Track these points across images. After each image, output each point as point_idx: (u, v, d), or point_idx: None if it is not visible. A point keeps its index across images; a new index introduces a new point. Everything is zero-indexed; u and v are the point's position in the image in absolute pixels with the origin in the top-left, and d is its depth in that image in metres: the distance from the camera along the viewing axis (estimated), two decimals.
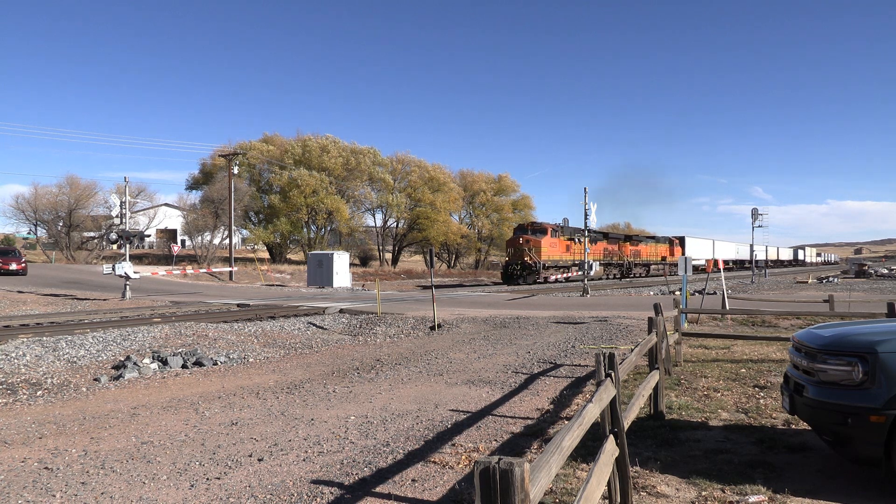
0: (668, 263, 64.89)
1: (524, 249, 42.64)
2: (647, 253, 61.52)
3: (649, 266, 62.28)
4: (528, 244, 42.80)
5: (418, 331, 16.90)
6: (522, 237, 43.81)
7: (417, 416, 7.60)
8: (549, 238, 43.81)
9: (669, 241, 68.25)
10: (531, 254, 42.30)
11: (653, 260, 63.07)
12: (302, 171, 60.94)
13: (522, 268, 42.19)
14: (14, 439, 6.74)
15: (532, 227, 45.57)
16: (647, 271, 62.13)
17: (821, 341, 5.21)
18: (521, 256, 42.60)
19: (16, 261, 39.04)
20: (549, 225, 45.18)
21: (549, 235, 43.89)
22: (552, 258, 44.26)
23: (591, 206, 34.64)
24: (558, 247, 45.22)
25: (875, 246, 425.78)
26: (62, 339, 13.31)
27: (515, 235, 45.86)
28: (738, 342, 12.97)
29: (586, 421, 3.34)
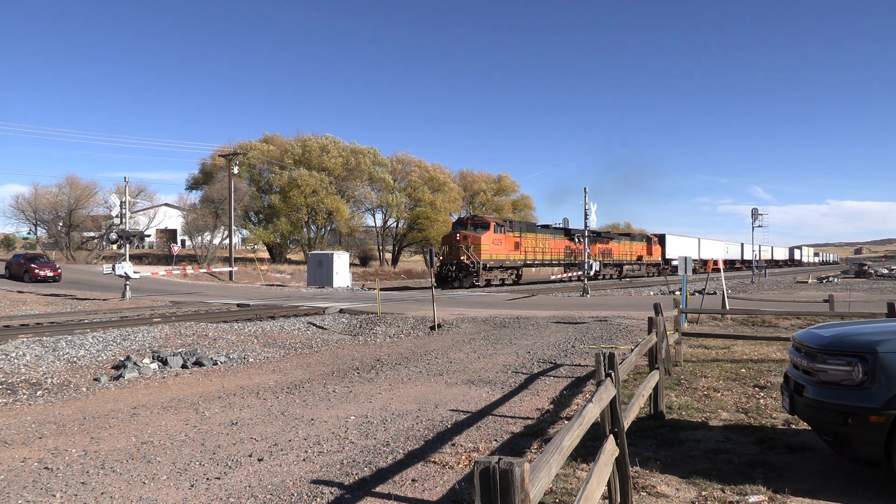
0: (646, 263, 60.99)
1: (461, 247, 37.15)
2: (619, 252, 56.42)
3: (622, 266, 56.88)
4: (466, 241, 37.15)
5: (418, 331, 16.90)
6: (460, 233, 38.17)
7: (417, 416, 7.60)
8: (491, 234, 38.25)
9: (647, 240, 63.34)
10: (469, 252, 36.78)
11: (626, 259, 57.91)
12: (302, 171, 60.93)
13: (458, 269, 36.81)
14: (14, 439, 6.74)
15: (472, 222, 39.80)
16: (620, 272, 56.61)
17: (821, 341, 5.20)
18: (458, 255, 37.13)
19: (50, 267, 37.82)
20: (493, 219, 40.41)
21: (492, 231, 38.40)
22: (496, 257, 38.67)
23: (591, 205, 34.55)
24: (504, 244, 39.53)
25: (875, 246, 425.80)
26: (62, 339, 13.31)
27: (452, 231, 40.35)
28: (738, 342, 12.97)
29: (586, 421, 3.34)
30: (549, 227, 47.87)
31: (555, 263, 46.15)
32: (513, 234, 40.71)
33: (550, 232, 46.38)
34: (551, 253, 45.56)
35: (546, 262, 44.73)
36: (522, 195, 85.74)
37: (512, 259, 40.41)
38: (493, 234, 38.38)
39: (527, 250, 41.93)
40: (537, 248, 43.47)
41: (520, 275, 41.23)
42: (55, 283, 36.26)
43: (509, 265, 40.19)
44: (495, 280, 39.19)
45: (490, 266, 37.89)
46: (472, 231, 38.26)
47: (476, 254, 36.96)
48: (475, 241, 37.17)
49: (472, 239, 37.34)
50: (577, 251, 48.46)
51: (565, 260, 47.77)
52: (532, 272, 42.64)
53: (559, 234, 47.77)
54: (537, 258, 43.44)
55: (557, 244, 46.64)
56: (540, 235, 44.45)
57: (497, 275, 39.24)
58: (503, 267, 39.65)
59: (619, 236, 59.93)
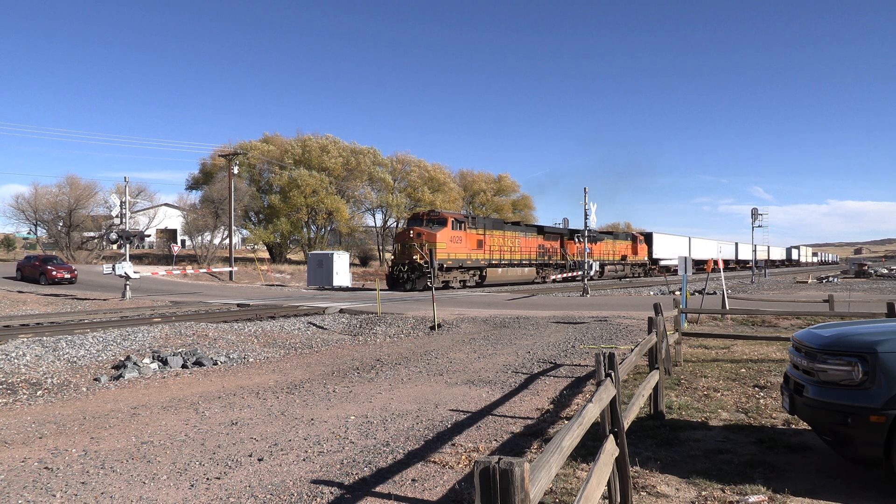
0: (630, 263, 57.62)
1: (413, 246, 33.71)
2: (600, 251, 52.28)
3: (603, 267, 52.74)
4: (420, 239, 33.61)
5: (418, 331, 16.90)
6: (413, 230, 34.73)
7: (417, 415, 7.60)
8: (448, 231, 34.56)
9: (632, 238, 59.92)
10: (423, 251, 32.65)
11: (608, 259, 53.99)
12: (302, 171, 60.93)
13: (410, 269, 33.60)
14: (14, 439, 6.74)
15: (428, 218, 35.87)
16: (601, 273, 52.27)
17: (821, 341, 5.20)
18: (410, 255, 33.77)
19: (66, 269, 37.34)
20: (451, 214, 36.68)
21: (450, 227, 34.73)
22: (455, 256, 34.97)
23: (591, 206, 34.58)
24: (464, 242, 35.85)
25: (875, 246, 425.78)
26: (62, 338, 13.31)
27: (406, 227, 37.12)
28: (738, 342, 12.97)
29: (586, 421, 3.34)
30: (519, 224, 45.27)
31: (525, 263, 42.47)
32: (475, 232, 37.26)
33: (521, 230, 43.37)
34: (522, 252, 42.01)
35: (515, 262, 41.34)
36: (522, 195, 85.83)
37: (474, 259, 36.82)
38: (450, 230, 34.81)
39: (492, 249, 38.47)
40: (505, 246, 40.17)
41: (483, 276, 37.71)
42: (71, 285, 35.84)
43: (471, 265, 36.69)
44: (454, 282, 35.49)
45: (448, 266, 34.24)
46: (428, 228, 34.46)
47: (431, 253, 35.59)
48: (430, 239, 33.44)
49: (427, 236, 33.68)
50: (552, 251, 45.96)
51: (538, 260, 43.94)
52: (498, 273, 39.30)
53: (531, 231, 44.59)
54: (504, 258, 40.10)
55: (529, 243, 43.03)
56: (508, 233, 41.13)
57: (457, 276, 35.69)
58: (463, 267, 36.09)
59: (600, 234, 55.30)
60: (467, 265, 36.23)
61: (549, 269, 45.55)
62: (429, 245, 32.50)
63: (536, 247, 43.87)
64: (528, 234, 43.47)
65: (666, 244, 65.04)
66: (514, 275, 40.91)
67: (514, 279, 41.12)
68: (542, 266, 44.60)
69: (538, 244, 44.26)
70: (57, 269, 36.74)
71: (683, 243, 69.38)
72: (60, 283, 35.93)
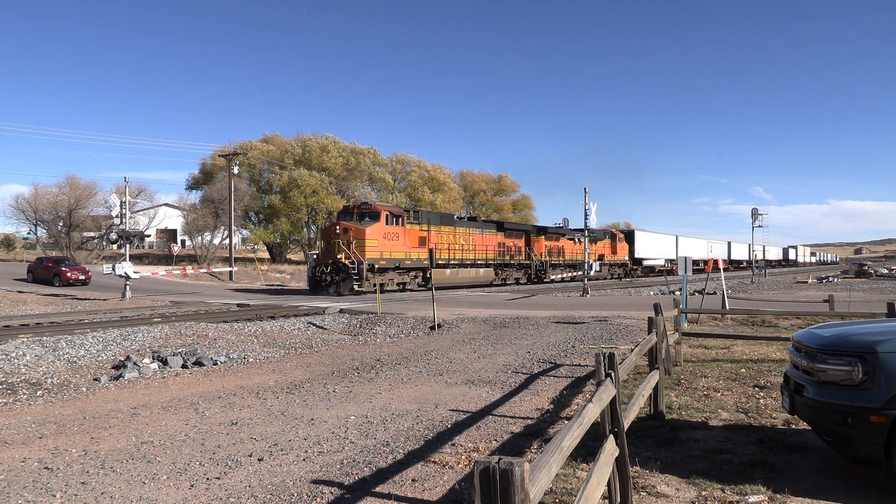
0: (609, 263, 53.39)
1: (338, 243, 29.61)
2: (573, 251, 48.59)
3: (576, 267, 48.14)
4: (347, 235, 29.77)
5: (418, 331, 16.90)
6: (339, 225, 30.53)
7: (417, 415, 7.60)
8: (381, 226, 30.52)
9: (611, 236, 55.44)
10: (350, 249, 29.22)
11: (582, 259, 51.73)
12: (302, 171, 60.95)
13: (335, 270, 29.63)
14: (14, 439, 6.74)
15: (359, 211, 31.46)
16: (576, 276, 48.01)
17: (821, 341, 5.20)
18: (335, 253, 29.64)
19: (80, 270, 37.23)
20: (385, 207, 32.43)
21: (384, 222, 30.73)
22: (389, 255, 30.94)
23: (592, 205, 34.47)
24: (402, 239, 31.90)
25: (875, 246, 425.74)
26: (62, 339, 13.31)
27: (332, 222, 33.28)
28: (738, 342, 12.97)
29: (586, 421, 3.34)
30: (475, 219, 41.48)
31: (481, 264, 38.33)
32: (417, 227, 33.17)
33: (477, 226, 39.28)
34: (477, 251, 38.06)
35: (468, 262, 37.19)
36: (522, 195, 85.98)
37: (414, 258, 32.52)
38: (384, 225, 30.72)
39: (439, 247, 34.07)
40: (455, 244, 36.15)
41: (427, 277, 32.89)
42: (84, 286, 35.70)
43: (411, 265, 32.52)
44: (390, 284, 31.37)
45: (381, 267, 30.30)
46: (357, 222, 30.49)
47: (359, 251, 29.32)
48: (358, 235, 29.62)
49: (355, 232, 29.73)
50: (515, 249, 42.15)
51: (497, 260, 39.91)
52: (446, 275, 34.83)
53: (489, 228, 40.20)
54: (455, 257, 36.04)
55: (487, 241, 39.10)
56: (461, 229, 36.98)
57: (393, 277, 31.67)
58: (401, 268, 32.06)
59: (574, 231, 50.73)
60: (406, 265, 32.23)
61: (510, 271, 41.64)
62: (356, 242, 29.36)
63: (496, 245, 40.09)
64: (485, 230, 39.66)
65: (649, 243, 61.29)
66: (466, 276, 36.82)
67: (467, 281, 37.05)
68: (502, 267, 40.75)
69: (498, 242, 40.37)
70: (71, 271, 36.71)
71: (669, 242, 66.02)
72: (75, 285, 35.83)
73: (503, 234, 41.22)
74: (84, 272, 37.13)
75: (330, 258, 29.96)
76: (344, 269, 29.33)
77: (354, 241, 29.51)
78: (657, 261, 61.57)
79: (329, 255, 30.16)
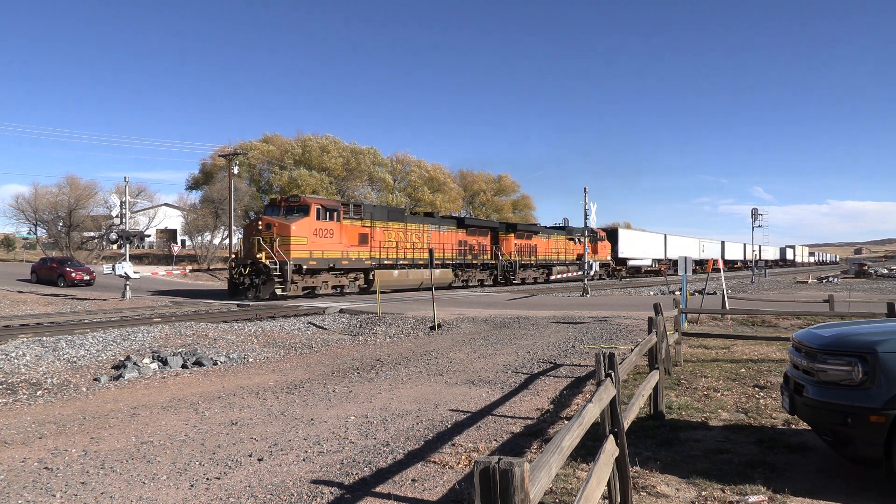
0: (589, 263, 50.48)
1: (258, 241, 26.11)
2: (547, 250, 45.27)
3: (551, 267, 45.59)
4: (271, 231, 26.22)
5: (418, 331, 16.90)
6: (263, 220, 27.09)
7: (417, 416, 7.60)
8: (311, 221, 26.93)
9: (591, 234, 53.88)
10: (273, 248, 25.74)
11: (558, 259, 46.78)
12: (302, 172, 60.95)
13: (255, 272, 26.01)
14: (14, 439, 6.74)
15: (287, 204, 27.90)
16: (548, 275, 45.27)
17: (821, 341, 5.20)
18: (255, 252, 26.13)
19: (85, 270, 36.86)
20: (317, 200, 28.50)
21: (314, 217, 27.09)
22: (322, 255, 27.37)
23: (592, 205, 34.45)
24: (339, 236, 28.24)
25: (875, 246, 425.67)
26: (62, 339, 13.31)
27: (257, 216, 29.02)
28: (738, 342, 12.97)
29: (586, 421, 3.34)
30: (432, 215, 38.30)
31: (437, 264, 33.82)
32: (358, 223, 29.61)
33: (433, 222, 35.84)
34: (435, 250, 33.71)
35: (422, 262, 33.03)
36: (523, 195, 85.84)
37: (353, 257, 28.98)
38: (314, 221, 27.16)
39: (384, 245, 30.85)
40: (406, 242, 32.64)
41: (370, 279, 29.88)
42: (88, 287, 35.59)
43: (350, 266, 28.96)
44: (323, 288, 28.06)
45: (310, 268, 26.87)
46: (282, 217, 27.02)
47: (283, 249, 25.86)
48: (283, 232, 26.14)
49: (279, 228, 26.26)
50: (480, 248, 38.74)
51: (457, 259, 36.26)
52: (393, 276, 31.63)
53: (447, 224, 36.74)
54: (405, 256, 32.48)
55: (445, 238, 35.52)
56: (413, 226, 33.53)
57: (327, 280, 28.23)
58: (338, 269, 28.55)
59: (549, 230, 48.14)
60: (343, 266, 28.66)
61: (472, 271, 38.14)
62: (280, 240, 25.92)
63: (455, 243, 36.38)
64: (443, 227, 35.91)
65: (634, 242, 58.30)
66: (419, 278, 32.96)
67: (420, 283, 33.22)
68: (462, 267, 37.10)
69: (458, 240, 36.71)
70: (76, 271, 36.51)
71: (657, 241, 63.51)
72: (79, 286, 35.65)
73: (464, 231, 37.67)
74: (89, 272, 36.98)
75: (249, 258, 26.49)
76: (265, 270, 25.71)
77: (278, 239, 25.97)
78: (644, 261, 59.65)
79: (249, 254, 26.72)
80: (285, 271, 25.62)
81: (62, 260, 39.46)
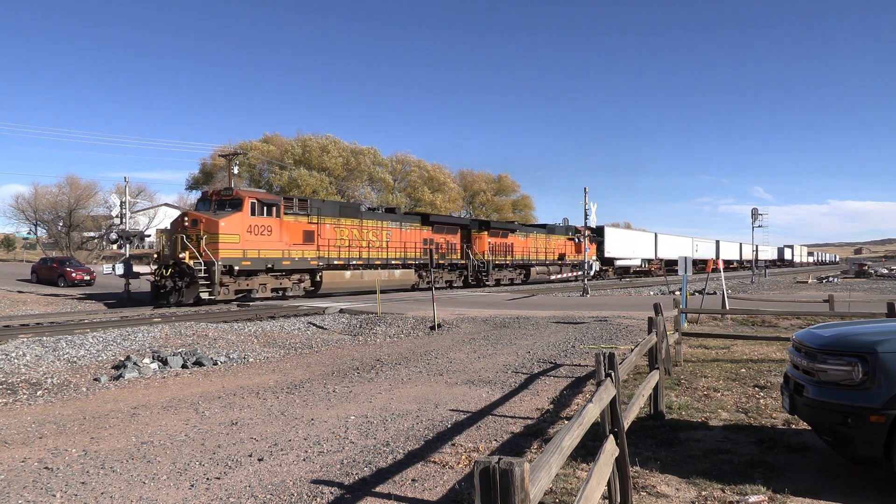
0: (571, 264, 48.14)
1: (181, 238, 23.47)
2: (525, 249, 42.82)
3: (529, 268, 43.07)
4: (197, 228, 23.58)
5: (418, 331, 16.90)
6: (189, 216, 24.42)
7: (417, 416, 7.60)
8: (244, 217, 24.16)
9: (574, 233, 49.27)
10: (200, 247, 23.16)
11: (537, 259, 44.30)
12: (302, 171, 60.97)
13: (179, 274, 23.38)
14: (14, 439, 6.74)
15: (218, 198, 24.91)
16: (526, 275, 42.80)
17: (821, 341, 5.21)
18: (178, 252, 23.51)
19: (85, 270, 36.80)
20: (254, 194, 25.46)
21: (248, 212, 24.33)
22: (257, 255, 24.59)
23: (592, 205, 34.44)
24: (279, 234, 25.56)
25: (875, 246, 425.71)
26: (62, 339, 13.31)
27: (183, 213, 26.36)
28: (738, 342, 12.97)
29: (586, 421, 3.34)
30: (393, 210, 35.43)
31: (397, 264, 32.21)
32: (304, 219, 27.10)
33: (393, 218, 33.08)
34: (393, 249, 32.03)
35: (379, 261, 31.00)
36: (522, 195, 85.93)
37: (297, 257, 26.32)
38: (249, 216, 24.38)
39: (334, 244, 28.23)
40: (360, 241, 30.01)
41: (318, 280, 27.49)
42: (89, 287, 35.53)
43: (293, 267, 26.29)
44: (261, 291, 25.42)
45: (243, 269, 24.15)
46: (212, 213, 24.27)
47: (211, 248, 23.13)
48: (210, 228, 23.35)
49: (207, 224, 23.48)
50: (448, 247, 36.04)
51: (421, 259, 33.34)
52: (345, 277, 28.85)
53: (411, 221, 34.13)
54: (360, 256, 29.87)
55: (407, 237, 33.04)
56: (369, 223, 30.88)
57: (265, 282, 25.55)
58: (278, 270, 25.85)
59: (528, 227, 45.76)
60: (285, 267, 25.97)
61: (440, 272, 35.42)
62: (208, 237, 23.15)
63: (419, 241, 33.82)
64: (405, 224, 33.37)
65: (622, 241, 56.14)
66: (374, 279, 29.40)
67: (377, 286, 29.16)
68: (427, 267, 33.22)
69: (423, 238, 34.18)
70: (76, 271, 36.40)
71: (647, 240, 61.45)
72: (79, 286, 35.55)
73: (430, 228, 34.96)
74: (89, 272, 36.91)
75: (172, 258, 23.79)
76: (188, 271, 23.03)
77: (206, 237, 23.26)
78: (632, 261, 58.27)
79: (172, 254, 23.92)
80: (212, 272, 23.11)
81: (62, 260, 39.41)
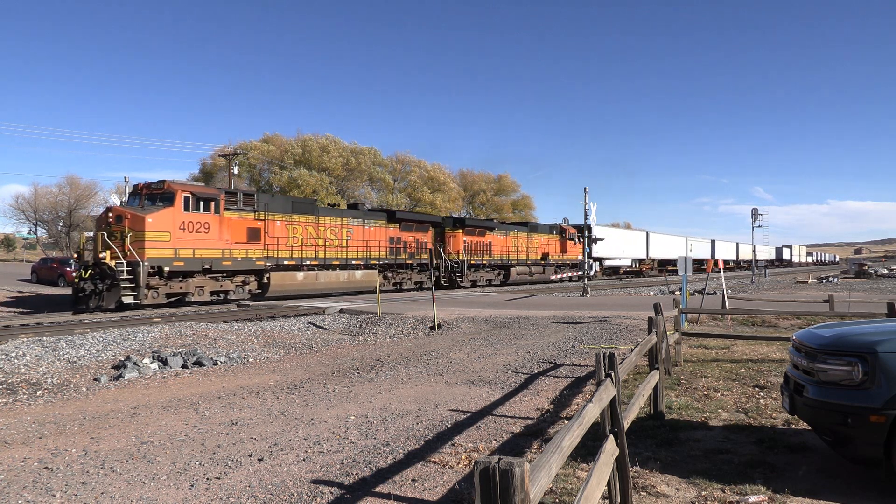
0: (555, 264, 46.13)
1: (103, 237, 21.22)
2: (505, 248, 40.68)
3: (509, 268, 40.84)
4: (122, 225, 21.28)
5: (418, 331, 16.90)
6: (113, 211, 22.20)
7: (417, 415, 7.60)
8: (175, 212, 21.95)
9: (560, 232, 47.01)
10: (125, 245, 20.89)
11: (517, 259, 41.90)
12: (302, 171, 60.96)
13: (100, 275, 21.02)
14: (14, 439, 6.74)
15: (148, 193, 22.44)
16: (506, 276, 40.58)
17: (821, 341, 5.21)
18: (99, 251, 21.29)
19: None
20: (189, 187, 23.00)
21: (181, 207, 22.12)
22: (191, 254, 22.37)
23: (592, 205, 34.40)
24: (218, 231, 23.24)
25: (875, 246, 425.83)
26: (62, 338, 13.30)
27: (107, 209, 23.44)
28: (738, 342, 12.97)
29: (586, 421, 3.34)
30: (356, 207, 32.81)
31: (358, 265, 29.80)
32: (249, 216, 24.73)
33: (355, 215, 30.56)
34: (355, 248, 29.65)
35: (337, 262, 28.78)
36: (523, 195, 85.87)
37: (239, 257, 24.01)
38: (182, 212, 22.10)
39: (287, 243, 26.10)
40: (316, 238, 27.73)
41: (265, 283, 25.24)
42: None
43: (235, 268, 23.97)
44: (196, 294, 22.97)
45: (175, 269, 21.97)
46: (139, 208, 21.90)
47: (136, 247, 20.96)
48: (136, 225, 21.08)
49: (132, 221, 21.19)
50: (418, 246, 33.77)
51: (387, 259, 31.48)
52: (298, 279, 26.51)
53: (375, 219, 31.63)
54: (316, 255, 27.67)
55: (371, 234, 30.72)
56: (327, 219, 28.52)
57: (203, 284, 23.18)
58: (218, 271, 23.50)
59: (507, 226, 43.77)
60: (225, 267, 23.59)
61: (407, 272, 33.17)
62: (133, 235, 20.93)
63: (385, 240, 31.59)
64: (368, 221, 30.95)
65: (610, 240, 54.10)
66: (333, 281, 27.93)
67: (336, 287, 28.66)
68: (393, 268, 32.15)
69: (389, 236, 31.94)
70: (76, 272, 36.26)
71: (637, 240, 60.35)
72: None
73: (397, 226, 32.60)
74: None
75: (95, 258, 21.32)
76: (110, 273, 20.64)
77: (131, 234, 20.91)
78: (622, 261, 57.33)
79: (95, 254, 21.49)
80: (137, 274, 20.78)
81: (63, 260, 39.35)
